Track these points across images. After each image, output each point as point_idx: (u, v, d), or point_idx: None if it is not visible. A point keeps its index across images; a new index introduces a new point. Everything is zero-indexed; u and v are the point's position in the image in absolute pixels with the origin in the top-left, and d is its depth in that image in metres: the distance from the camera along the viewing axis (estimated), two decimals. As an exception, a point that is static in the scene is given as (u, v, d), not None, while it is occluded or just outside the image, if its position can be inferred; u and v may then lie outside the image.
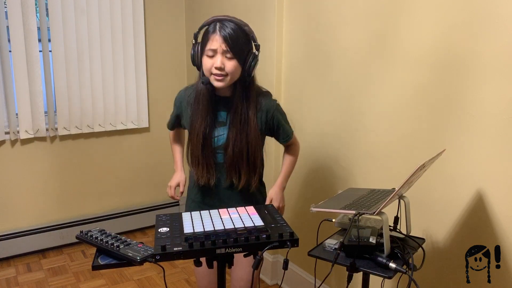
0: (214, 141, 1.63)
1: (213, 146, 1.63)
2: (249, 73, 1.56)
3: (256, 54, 1.56)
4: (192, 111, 1.63)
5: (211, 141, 1.62)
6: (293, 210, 2.50)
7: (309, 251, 1.38)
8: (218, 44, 1.48)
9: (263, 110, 1.64)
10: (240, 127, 1.59)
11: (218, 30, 1.48)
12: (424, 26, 1.66)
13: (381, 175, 1.93)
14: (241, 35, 1.51)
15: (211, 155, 1.64)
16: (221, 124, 1.63)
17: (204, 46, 1.52)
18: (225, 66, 1.50)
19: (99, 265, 1.29)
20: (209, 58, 1.51)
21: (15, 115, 2.85)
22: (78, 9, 2.87)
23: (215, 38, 1.48)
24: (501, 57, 1.43)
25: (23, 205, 2.99)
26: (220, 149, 1.64)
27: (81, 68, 2.95)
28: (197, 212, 1.46)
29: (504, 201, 1.48)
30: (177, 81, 3.45)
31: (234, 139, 1.59)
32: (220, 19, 1.51)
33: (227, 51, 1.48)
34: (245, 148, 1.60)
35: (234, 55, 1.50)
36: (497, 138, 1.47)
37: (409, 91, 1.76)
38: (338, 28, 2.05)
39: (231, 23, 1.50)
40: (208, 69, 1.52)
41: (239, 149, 1.60)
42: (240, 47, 1.51)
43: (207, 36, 1.51)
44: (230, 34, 1.48)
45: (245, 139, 1.60)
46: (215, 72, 1.50)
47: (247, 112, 1.59)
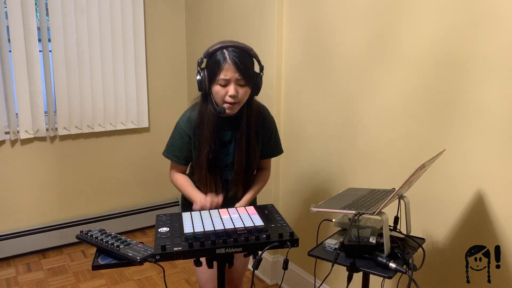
0: (222, 160, 1.67)
1: (220, 166, 1.67)
2: (257, 93, 1.63)
3: (261, 75, 1.61)
4: (198, 133, 1.64)
5: (217, 162, 1.66)
6: (293, 210, 2.50)
7: (309, 251, 1.38)
8: (232, 73, 1.50)
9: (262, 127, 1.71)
10: (245, 146, 1.65)
11: (229, 59, 1.50)
12: (424, 26, 1.66)
13: (381, 175, 1.93)
14: (249, 60, 1.56)
15: (218, 174, 1.68)
16: (227, 143, 1.68)
17: (214, 75, 1.53)
18: (238, 93, 1.53)
19: (99, 265, 1.29)
20: (222, 87, 1.52)
21: (15, 115, 2.85)
22: (78, 9, 2.87)
23: (228, 68, 1.49)
24: (501, 57, 1.43)
25: (23, 205, 2.99)
26: (228, 166, 1.69)
27: (81, 68, 2.95)
28: (197, 212, 1.46)
29: (504, 201, 1.48)
30: (177, 81, 3.45)
31: (240, 158, 1.65)
32: (227, 45, 1.52)
33: (240, 79, 1.51)
34: (248, 163, 1.68)
35: (246, 82, 1.54)
36: (497, 138, 1.47)
37: (409, 91, 1.76)
38: (338, 29, 2.05)
39: (239, 49, 1.52)
40: (222, 98, 1.54)
41: (245, 166, 1.67)
42: (250, 73, 1.56)
43: (217, 65, 1.51)
44: (241, 62, 1.50)
45: (249, 155, 1.67)
46: (229, 100, 1.53)
47: (250, 132, 1.65)
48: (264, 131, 1.72)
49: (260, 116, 1.69)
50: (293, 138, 2.41)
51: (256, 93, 1.62)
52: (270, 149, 1.77)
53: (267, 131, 1.73)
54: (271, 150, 1.78)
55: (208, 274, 1.77)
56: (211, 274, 1.76)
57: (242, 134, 1.64)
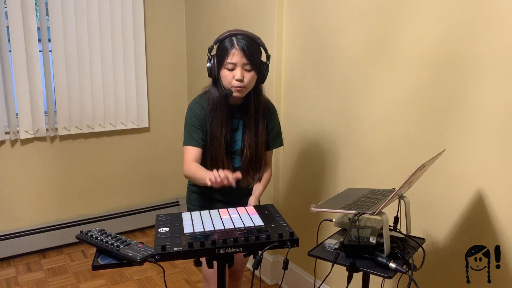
0: (231, 147, 1.73)
1: (229, 152, 1.72)
2: (263, 82, 1.69)
3: (268, 64, 1.68)
4: (212, 116, 1.68)
5: (230, 146, 1.72)
6: (293, 210, 2.50)
7: (309, 251, 1.38)
8: (239, 57, 1.57)
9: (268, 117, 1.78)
10: (253, 133, 1.72)
11: (237, 45, 1.57)
12: (424, 27, 1.66)
13: (381, 175, 1.93)
14: (256, 48, 1.63)
15: (230, 160, 1.73)
16: (235, 130, 1.73)
17: (222, 59, 1.60)
18: (244, 77, 1.59)
19: (99, 265, 1.29)
20: (229, 71, 1.59)
21: (15, 115, 2.85)
22: (78, 9, 2.87)
23: (235, 53, 1.57)
24: (501, 57, 1.43)
25: (23, 205, 2.99)
26: (236, 154, 1.74)
27: (81, 68, 2.95)
28: (197, 212, 1.46)
29: (504, 201, 1.48)
30: (177, 81, 3.45)
31: (249, 144, 1.72)
32: (236, 33, 1.59)
33: (247, 63, 1.58)
34: (257, 151, 1.73)
35: (252, 67, 1.60)
36: (497, 138, 1.47)
37: (409, 91, 1.76)
38: (338, 29, 2.05)
39: (246, 37, 1.60)
40: (229, 81, 1.60)
41: (254, 153, 1.72)
42: (257, 59, 1.62)
43: (225, 50, 1.59)
44: (248, 48, 1.58)
45: (257, 143, 1.73)
46: (236, 84, 1.60)
47: (258, 118, 1.72)
48: (268, 120, 1.78)
49: (266, 106, 1.77)
50: (293, 138, 2.41)
51: (262, 81, 1.69)
52: (272, 139, 1.81)
53: (270, 120, 1.79)
54: (273, 141, 1.82)
55: (214, 269, 1.78)
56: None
57: (251, 120, 1.70)
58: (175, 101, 3.43)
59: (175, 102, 3.43)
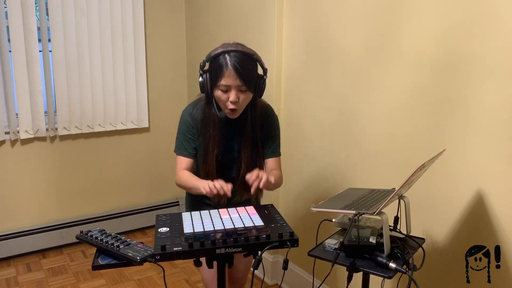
0: (225, 156, 1.66)
1: (225, 162, 1.66)
2: (260, 96, 1.62)
3: (265, 78, 1.59)
4: (203, 132, 1.63)
5: (226, 154, 1.66)
6: (293, 210, 2.50)
7: (309, 251, 1.38)
8: (232, 80, 1.48)
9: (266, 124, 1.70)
10: (250, 146, 1.65)
11: (230, 65, 1.47)
12: (424, 27, 1.66)
13: (381, 175, 1.93)
14: (251, 65, 1.54)
15: (225, 171, 1.67)
16: (230, 139, 1.66)
17: (215, 79, 1.51)
18: (239, 99, 1.52)
19: (99, 265, 1.29)
20: (223, 92, 1.51)
21: (15, 115, 2.85)
22: (78, 9, 2.87)
23: (229, 74, 1.48)
24: (501, 57, 1.43)
25: (23, 205, 2.99)
26: (232, 163, 1.68)
27: (81, 68, 2.95)
28: (197, 212, 1.46)
29: (504, 201, 1.48)
30: (177, 81, 3.45)
31: (247, 158, 1.65)
32: (228, 50, 1.49)
33: (241, 85, 1.50)
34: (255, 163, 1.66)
35: (248, 88, 1.52)
36: (497, 138, 1.47)
37: (409, 91, 1.76)
38: (338, 29, 2.05)
39: (240, 54, 1.50)
40: (223, 103, 1.54)
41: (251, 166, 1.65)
42: (252, 78, 1.54)
43: (218, 70, 1.49)
44: (242, 68, 1.48)
45: (255, 155, 1.66)
46: (230, 107, 1.53)
47: (255, 129, 1.65)
48: (266, 127, 1.70)
49: (264, 115, 1.69)
50: (293, 138, 2.41)
51: (259, 96, 1.62)
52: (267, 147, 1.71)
53: (269, 128, 1.71)
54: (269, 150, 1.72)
55: (213, 273, 1.77)
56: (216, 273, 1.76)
57: (248, 136, 1.64)
58: (175, 101, 3.43)
59: (175, 102, 3.43)
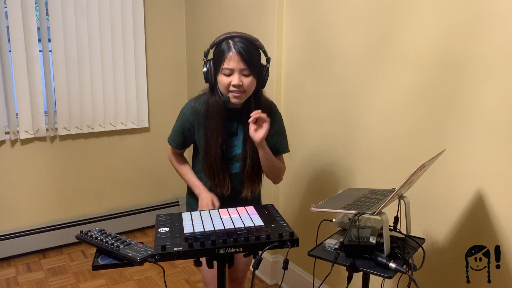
0: (228, 152, 1.66)
1: (227, 157, 1.66)
2: (263, 86, 1.61)
3: (268, 67, 1.59)
4: (206, 124, 1.63)
5: (226, 153, 1.65)
6: (293, 210, 2.50)
7: (309, 251, 1.38)
8: (235, 63, 1.49)
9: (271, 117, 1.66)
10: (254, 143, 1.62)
11: (234, 48, 1.49)
12: (424, 26, 1.66)
13: (381, 175, 1.93)
14: (254, 51, 1.54)
15: (227, 166, 1.67)
16: (233, 135, 1.66)
17: (219, 64, 1.52)
18: (243, 83, 1.52)
19: (99, 265, 1.29)
20: (226, 76, 1.52)
21: (15, 115, 2.85)
22: (78, 9, 2.87)
23: (231, 57, 1.49)
24: (501, 57, 1.43)
25: (23, 205, 2.99)
26: (235, 159, 1.67)
27: (81, 68, 2.95)
28: (197, 212, 1.46)
29: (504, 201, 1.48)
30: (177, 81, 3.45)
31: (251, 151, 1.63)
32: (232, 36, 1.52)
33: (244, 68, 1.50)
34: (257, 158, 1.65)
35: (251, 72, 1.52)
36: (497, 138, 1.47)
37: (409, 91, 1.76)
38: (338, 28, 2.05)
39: (244, 40, 1.52)
40: (226, 87, 1.53)
41: (256, 160, 1.65)
42: (255, 63, 1.54)
43: (221, 54, 1.51)
44: (245, 52, 1.49)
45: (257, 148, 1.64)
46: (233, 90, 1.52)
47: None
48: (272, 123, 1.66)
49: (269, 110, 1.67)
50: (293, 137, 2.41)
51: (263, 85, 1.61)
52: (276, 145, 1.72)
53: (274, 123, 1.68)
54: (277, 147, 1.73)
55: (214, 273, 1.77)
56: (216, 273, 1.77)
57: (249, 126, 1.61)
58: (175, 101, 3.43)
59: (175, 102, 3.43)
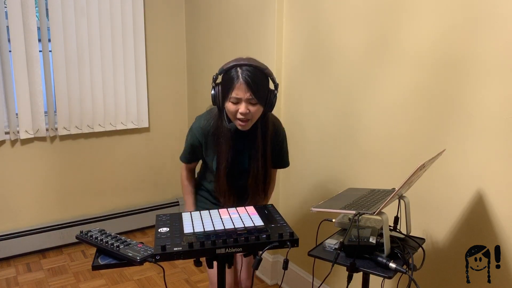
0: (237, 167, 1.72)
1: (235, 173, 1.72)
2: (271, 110, 1.65)
3: (276, 93, 1.63)
4: (216, 146, 1.69)
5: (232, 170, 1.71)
6: (293, 210, 2.50)
7: (309, 251, 1.38)
8: (243, 92, 1.52)
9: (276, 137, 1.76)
10: (260, 159, 1.70)
11: (242, 78, 1.52)
12: (423, 26, 1.66)
13: (381, 175, 1.93)
14: (262, 79, 1.57)
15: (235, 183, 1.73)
16: (240, 152, 1.71)
17: (227, 92, 1.56)
18: (249, 111, 1.56)
19: (99, 265, 1.29)
20: (233, 104, 1.56)
21: (15, 115, 2.85)
22: (78, 9, 2.87)
23: (240, 87, 1.52)
24: (501, 57, 1.43)
25: (23, 205, 2.99)
26: (243, 172, 1.73)
27: (81, 68, 2.95)
28: (197, 212, 1.46)
29: (504, 201, 1.48)
30: (177, 81, 3.45)
31: (256, 169, 1.70)
32: (241, 64, 1.54)
33: (251, 98, 1.54)
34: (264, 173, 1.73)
35: (258, 101, 1.56)
36: (497, 138, 1.47)
37: (409, 91, 1.76)
38: (338, 29, 2.05)
39: (252, 68, 1.54)
40: (233, 114, 1.58)
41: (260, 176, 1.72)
42: (262, 91, 1.57)
43: (229, 83, 1.54)
44: (253, 82, 1.52)
45: (264, 166, 1.71)
46: (240, 118, 1.57)
47: (265, 143, 1.70)
48: (276, 143, 1.76)
49: (276, 129, 1.75)
50: (293, 138, 2.41)
51: (270, 110, 1.64)
52: (277, 159, 1.81)
53: (277, 141, 1.77)
54: (278, 161, 1.82)
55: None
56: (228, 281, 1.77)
57: (258, 150, 1.68)
58: (175, 101, 3.43)
59: (175, 102, 3.43)
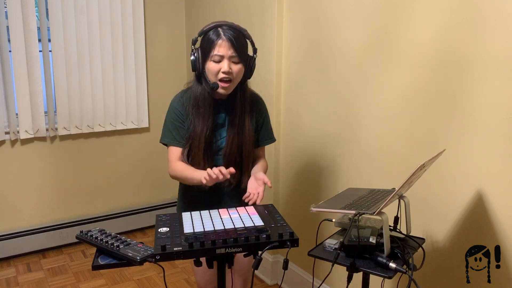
0: (216, 144, 1.65)
1: (214, 149, 1.65)
2: (250, 76, 1.61)
3: (255, 57, 1.60)
4: (193, 115, 1.61)
5: (212, 144, 1.64)
6: (293, 210, 2.50)
7: (309, 251, 1.38)
8: (226, 49, 1.49)
9: (256, 111, 1.70)
10: (237, 129, 1.63)
11: (225, 36, 1.50)
12: (424, 26, 1.66)
13: (381, 175, 1.93)
14: (243, 40, 1.56)
15: (212, 158, 1.64)
16: (221, 126, 1.65)
17: (208, 51, 1.52)
18: (232, 70, 1.52)
19: (99, 265, 1.29)
20: (215, 63, 1.52)
21: (15, 115, 2.85)
22: (78, 9, 2.87)
23: (222, 44, 1.49)
24: (501, 57, 1.43)
25: (23, 205, 2.99)
26: (220, 151, 1.66)
27: (81, 68, 2.95)
28: (197, 212, 1.46)
29: (504, 201, 1.48)
30: (177, 81, 3.44)
31: (231, 141, 1.63)
32: (221, 24, 1.53)
33: (234, 56, 1.51)
34: (240, 148, 1.64)
35: (240, 59, 1.53)
36: (497, 138, 1.47)
37: (409, 91, 1.76)
38: (338, 28, 2.05)
39: (233, 28, 1.53)
40: (215, 74, 1.53)
41: (236, 150, 1.64)
42: (244, 51, 1.55)
43: (211, 42, 1.51)
44: (235, 39, 1.50)
45: (241, 140, 1.64)
46: (222, 77, 1.52)
47: (244, 114, 1.63)
48: (257, 116, 1.70)
49: (254, 100, 1.69)
50: (293, 137, 2.41)
51: (249, 76, 1.61)
52: (263, 135, 1.73)
53: (260, 116, 1.71)
54: (264, 137, 1.74)
55: (207, 277, 1.77)
56: (210, 277, 1.76)
57: (235, 116, 1.62)
58: (175, 101, 3.43)
59: (175, 102, 3.43)
